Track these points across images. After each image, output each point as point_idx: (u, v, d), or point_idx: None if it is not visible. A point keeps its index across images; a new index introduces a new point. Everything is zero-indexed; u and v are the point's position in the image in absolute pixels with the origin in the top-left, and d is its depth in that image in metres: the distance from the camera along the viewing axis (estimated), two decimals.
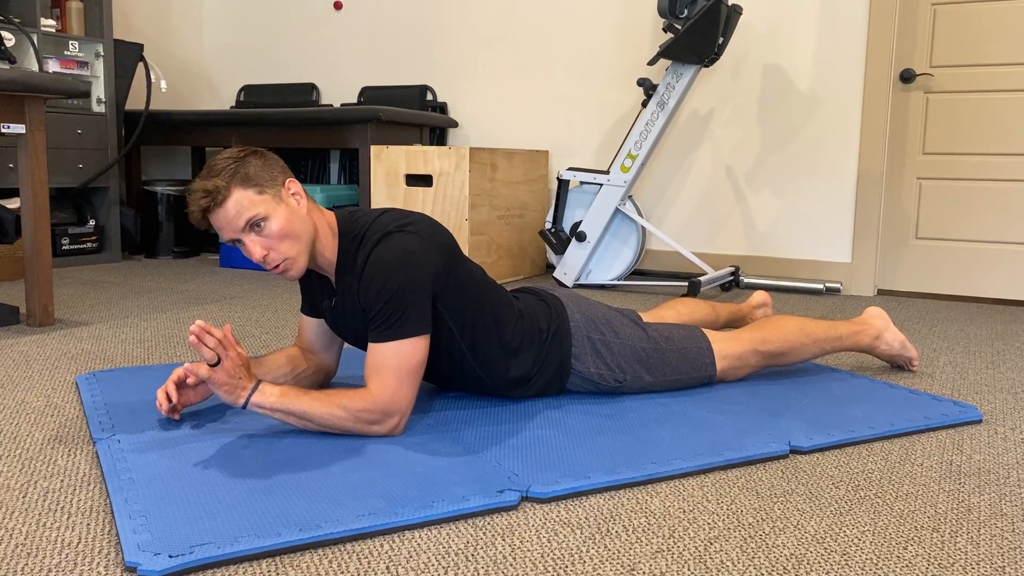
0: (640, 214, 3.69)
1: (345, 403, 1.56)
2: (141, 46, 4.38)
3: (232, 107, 5.11)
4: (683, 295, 3.20)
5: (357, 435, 1.60)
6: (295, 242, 1.60)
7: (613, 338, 1.87)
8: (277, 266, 1.60)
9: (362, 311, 1.64)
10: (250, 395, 1.53)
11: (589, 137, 4.17)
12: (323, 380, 1.90)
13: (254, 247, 1.58)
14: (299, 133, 4.14)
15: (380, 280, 1.58)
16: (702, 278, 3.30)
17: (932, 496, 1.42)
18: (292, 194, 1.63)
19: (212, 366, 1.51)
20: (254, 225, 1.57)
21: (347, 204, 4.14)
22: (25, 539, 1.21)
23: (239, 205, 1.55)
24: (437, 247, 1.65)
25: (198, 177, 1.58)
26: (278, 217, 1.58)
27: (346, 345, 2.38)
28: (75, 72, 4.09)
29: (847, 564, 1.17)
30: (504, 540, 1.23)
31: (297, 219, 1.61)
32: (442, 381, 1.85)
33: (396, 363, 1.57)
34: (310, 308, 1.83)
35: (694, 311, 2.27)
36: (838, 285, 3.58)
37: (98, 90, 4.20)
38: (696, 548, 1.21)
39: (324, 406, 1.55)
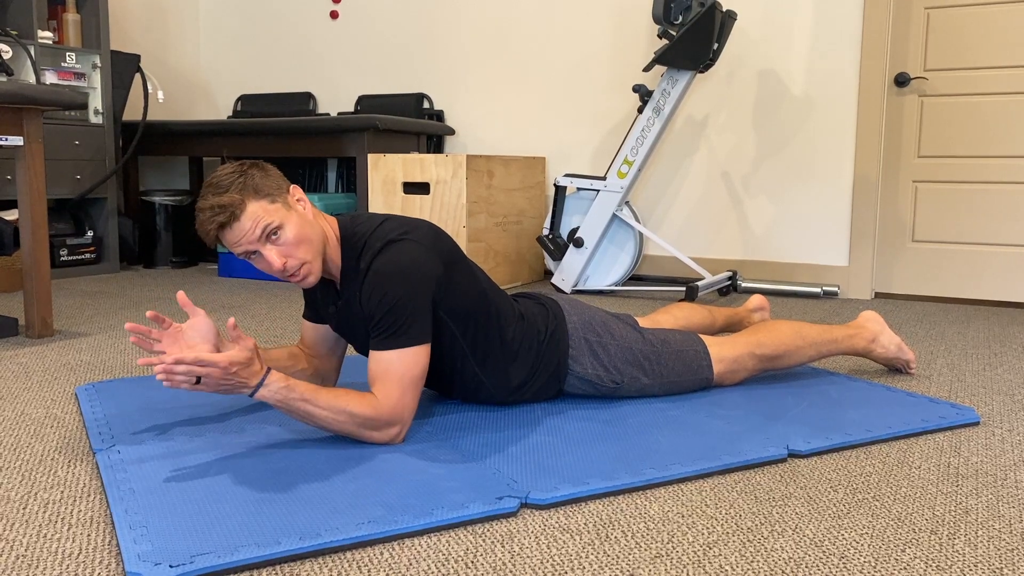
0: (637, 219, 3.70)
1: (350, 408, 1.55)
2: (138, 57, 4.39)
3: (229, 117, 5.12)
4: (681, 300, 3.20)
5: (357, 440, 1.60)
6: (310, 246, 1.61)
7: (610, 340, 1.88)
8: (295, 273, 1.61)
9: (365, 317, 1.65)
10: (256, 389, 1.48)
11: (586, 143, 4.19)
12: (321, 385, 1.90)
13: (272, 257, 1.58)
14: (296, 142, 4.15)
15: (382, 289, 1.59)
16: (699, 283, 3.30)
17: (930, 498, 1.42)
18: (298, 200, 1.65)
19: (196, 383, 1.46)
20: (270, 235, 1.58)
21: (345, 212, 4.14)
22: (26, 550, 1.21)
23: (255, 216, 1.56)
24: (438, 254, 1.67)
25: (203, 196, 1.57)
26: (292, 224, 1.59)
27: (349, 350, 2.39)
28: (72, 83, 4.10)
29: (846, 567, 1.17)
30: (504, 547, 1.23)
31: (308, 224, 1.62)
32: (442, 386, 1.86)
33: (399, 371, 1.58)
34: (312, 313, 1.84)
35: (691, 315, 2.28)
36: (835, 289, 3.58)
37: (95, 101, 4.21)
38: (695, 552, 1.22)
39: (328, 408, 1.54)
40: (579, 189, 3.69)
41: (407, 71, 4.62)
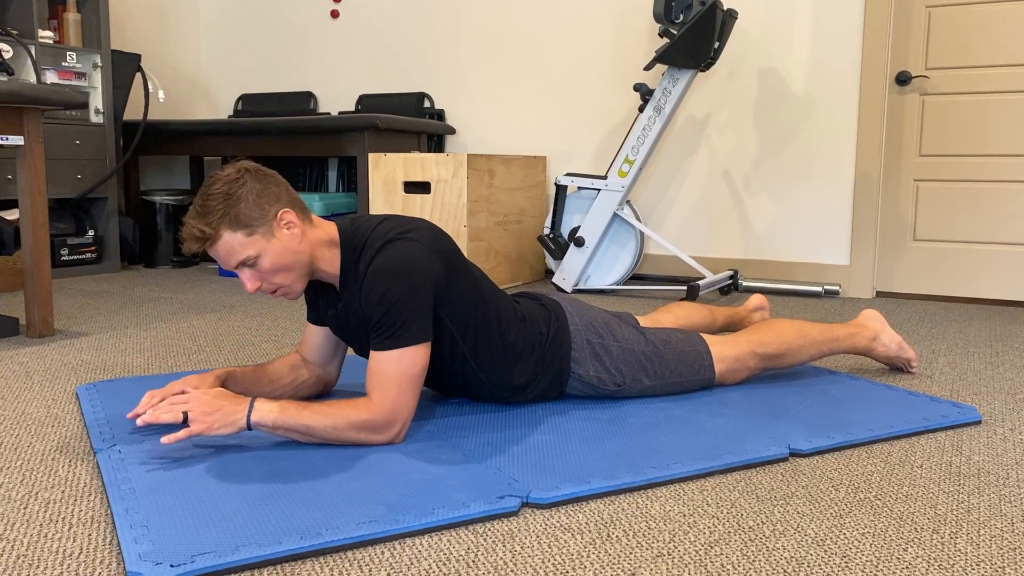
0: (638, 218, 3.70)
1: (347, 415, 1.56)
2: (139, 56, 4.39)
3: (230, 116, 5.12)
4: (682, 299, 3.20)
5: (359, 445, 1.60)
6: (287, 273, 1.63)
7: (612, 342, 1.88)
8: (274, 292, 1.65)
9: (365, 318, 1.64)
10: (248, 416, 1.52)
11: (586, 142, 4.18)
12: (323, 390, 1.91)
13: (247, 281, 1.63)
14: (297, 142, 4.15)
15: (381, 288, 1.58)
16: (700, 282, 3.30)
17: (932, 497, 1.42)
18: (285, 224, 1.62)
19: (184, 424, 1.52)
20: (245, 263, 1.60)
21: (346, 212, 4.15)
22: (27, 550, 1.21)
23: (228, 247, 1.58)
24: (438, 254, 1.66)
25: (193, 205, 1.59)
26: (269, 255, 1.60)
27: (349, 351, 2.39)
28: (73, 83, 4.10)
29: (847, 566, 1.17)
30: (505, 546, 1.23)
31: (289, 252, 1.62)
32: (444, 387, 1.86)
33: (397, 371, 1.58)
34: (315, 316, 1.84)
35: (691, 315, 2.28)
36: (837, 287, 3.58)
37: (96, 101, 4.21)
38: (696, 552, 1.22)
39: (325, 418, 1.55)
40: (580, 188, 3.69)
41: (407, 70, 4.62)
